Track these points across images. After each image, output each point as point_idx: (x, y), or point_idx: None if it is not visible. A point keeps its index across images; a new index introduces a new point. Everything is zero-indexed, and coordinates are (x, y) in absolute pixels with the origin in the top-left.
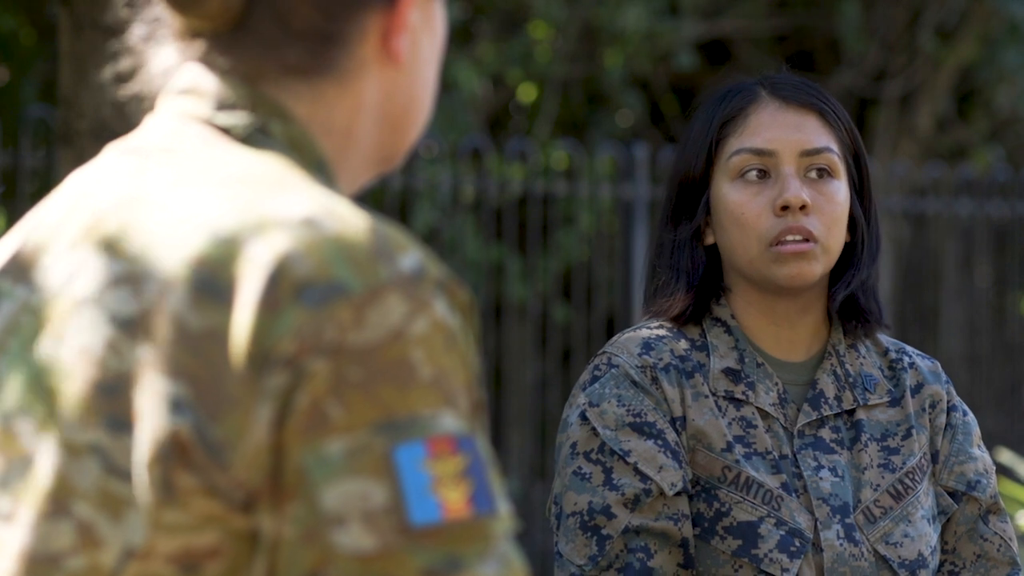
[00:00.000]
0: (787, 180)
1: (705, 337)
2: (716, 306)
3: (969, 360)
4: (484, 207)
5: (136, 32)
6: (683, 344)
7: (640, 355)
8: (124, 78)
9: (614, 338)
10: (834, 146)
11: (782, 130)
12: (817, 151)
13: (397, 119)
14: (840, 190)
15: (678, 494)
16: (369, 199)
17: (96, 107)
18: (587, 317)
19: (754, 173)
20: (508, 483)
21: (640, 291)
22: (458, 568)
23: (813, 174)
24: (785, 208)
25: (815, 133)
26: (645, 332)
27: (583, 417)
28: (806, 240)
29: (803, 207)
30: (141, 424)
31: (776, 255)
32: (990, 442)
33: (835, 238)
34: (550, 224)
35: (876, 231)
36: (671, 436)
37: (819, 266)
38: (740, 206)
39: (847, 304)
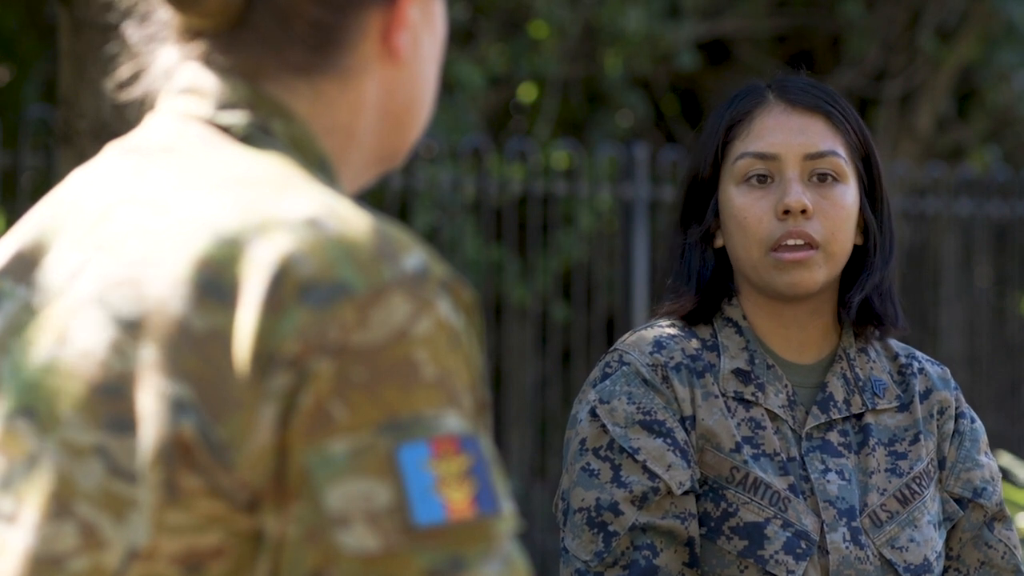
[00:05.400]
0: (789, 184)
1: (716, 337)
2: (728, 306)
3: (969, 360)
4: (484, 207)
5: (136, 32)
6: (694, 343)
7: (652, 353)
8: (125, 83)
9: (625, 336)
10: (840, 149)
11: (786, 134)
12: (821, 155)
13: (399, 117)
14: (846, 194)
15: (686, 493)
16: (369, 199)
17: (96, 107)
18: (587, 317)
19: (757, 177)
20: (508, 483)
21: (640, 291)
22: (461, 568)
23: (817, 178)
24: (787, 212)
25: (820, 136)
26: (657, 331)
27: (593, 414)
28: (808, 245)
29: (804, 211)
30: (144, 425)
31: (776, 262)
32: (990, 443)
33: (839, 242)
34: (550, 224)
35: (890, 233)
36: (680, 435)
37: (821, 273)
38: (743, 210)
39: (862, 308)
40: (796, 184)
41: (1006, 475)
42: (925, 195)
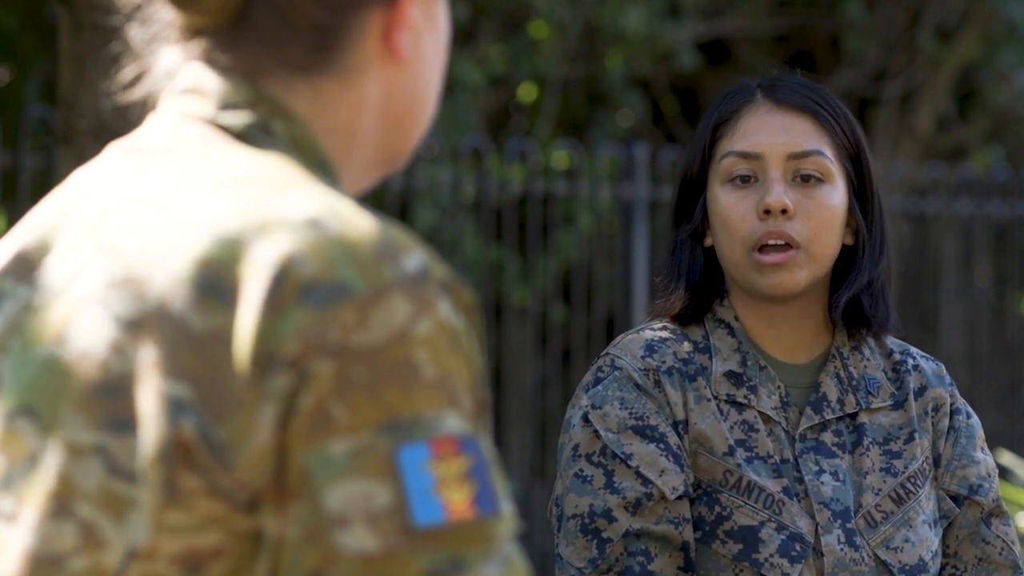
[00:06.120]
0: (771, 184)
1: (708, 339)
2: (720, 307)
3: (969, 360)
4: (484, 207)
5: (139, 33)
6: (686, 346)
7: (643, 358)
8: (128, 84)
9: (617, 339)
10: (826, 149)
11: (770, 133)
12: (805, 154)
13: (400, 118)
14: (832, 194)
15: (679, 498)
16: (369, 199)
17: (96, 107)
18: (587, 317)
19: (740, 177)
20: (508, 483)
21: (640, 291)
22: (461, 569)
23: (801, 178)
24: (768, 212)
25: (804, 136)
26: (648, 334)
27: (585, 419)
28: (787, 246)
29: (785, 211)
30: (144, 425)
31: (756, 264)
32: (990, 442)
33: (822, 243)
34: (550, 224)
35: (880, 234)
36: (673, 440)
37: (803, 274)
38: (727, 209)
39: (851, 309)
40: (778, 184)
41: (1007, 474)
42: (925, 195)
